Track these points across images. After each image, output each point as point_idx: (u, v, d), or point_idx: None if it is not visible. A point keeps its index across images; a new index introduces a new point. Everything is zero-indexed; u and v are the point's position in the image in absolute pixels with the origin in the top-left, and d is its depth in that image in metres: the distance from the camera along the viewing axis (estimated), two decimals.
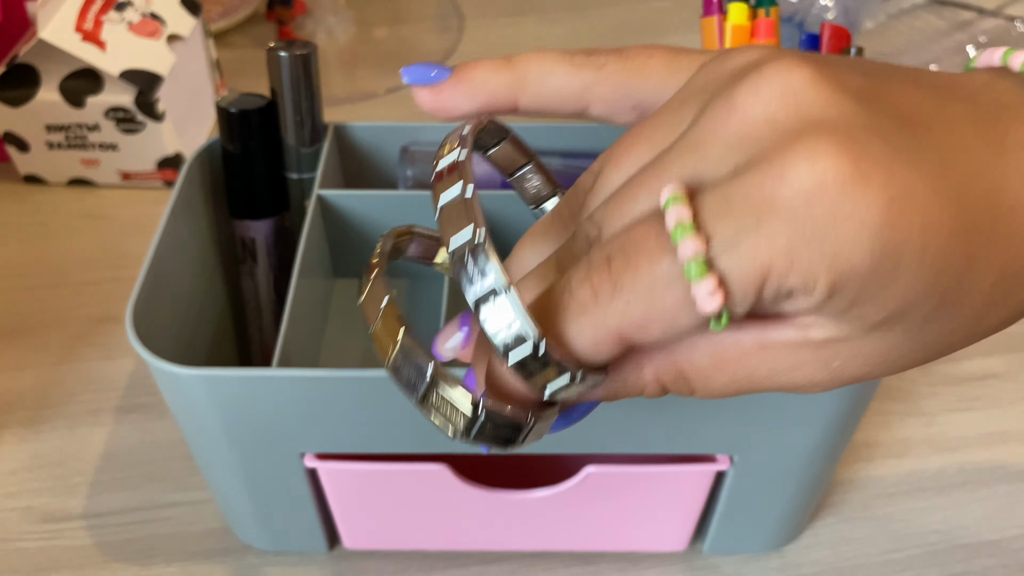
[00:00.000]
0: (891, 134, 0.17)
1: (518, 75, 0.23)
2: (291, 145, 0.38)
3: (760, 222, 0.16)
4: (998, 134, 0.18)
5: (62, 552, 0.39)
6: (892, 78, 0.19)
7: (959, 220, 0.17)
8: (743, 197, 0.17)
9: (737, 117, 0.18)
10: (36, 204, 0.57)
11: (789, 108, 0.17)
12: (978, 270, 0.17)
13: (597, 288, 0.18)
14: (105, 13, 0.54)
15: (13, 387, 0.46)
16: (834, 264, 0.16)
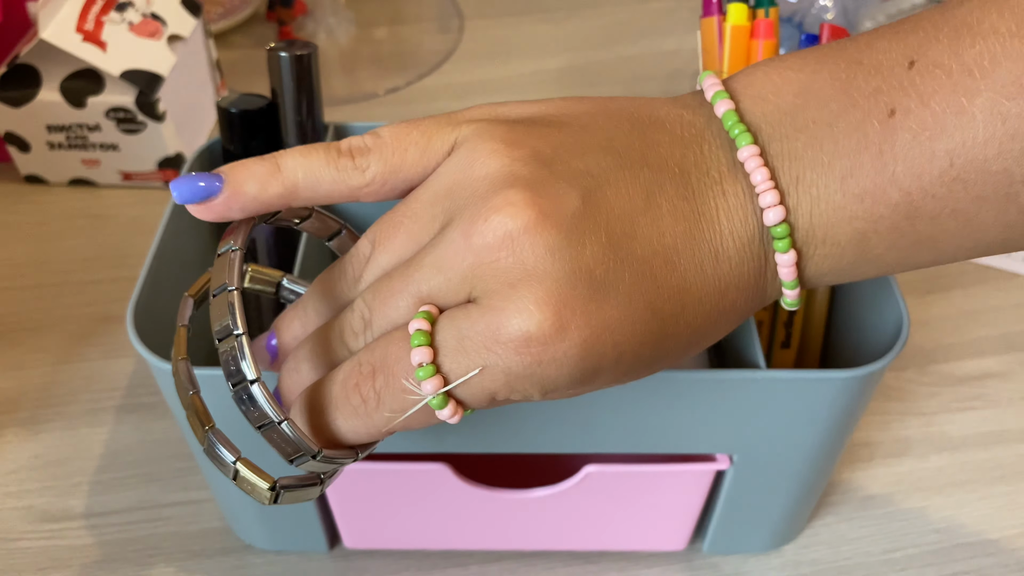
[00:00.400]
0: (592, 273, 0.22)
1: (288, 187, 0.25)
2: (292, 145, 0.38)
3: (485, 364, 0.22)
4: (693, 211, 0.23)
5: (63, 551, 0.39)
6: (606, 184, 0.23)
7: (648, 329, 0.22)
8: (472, 338, 0.22)
9: (472, 256, 0.22)
10: (37, 204, 0.57)
11: (512, 257, 0.21)
12: (666, 347, 0.23)
13: (366, 398, 0.23)
14: (106, 14, 0.54)
15: (14, 386, 0.46)
16: (544, 389, 0.22)
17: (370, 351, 0.23)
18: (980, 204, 0.22)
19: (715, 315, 0.24)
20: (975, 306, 0.51)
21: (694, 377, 0.30)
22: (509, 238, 0.21)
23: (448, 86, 0.68)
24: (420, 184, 0.25)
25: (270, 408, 0.23)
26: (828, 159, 0.23)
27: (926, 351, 0.49)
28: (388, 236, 0.24)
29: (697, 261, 0.23)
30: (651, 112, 0.25)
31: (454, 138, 0.24)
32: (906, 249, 0.23)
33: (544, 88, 0.68)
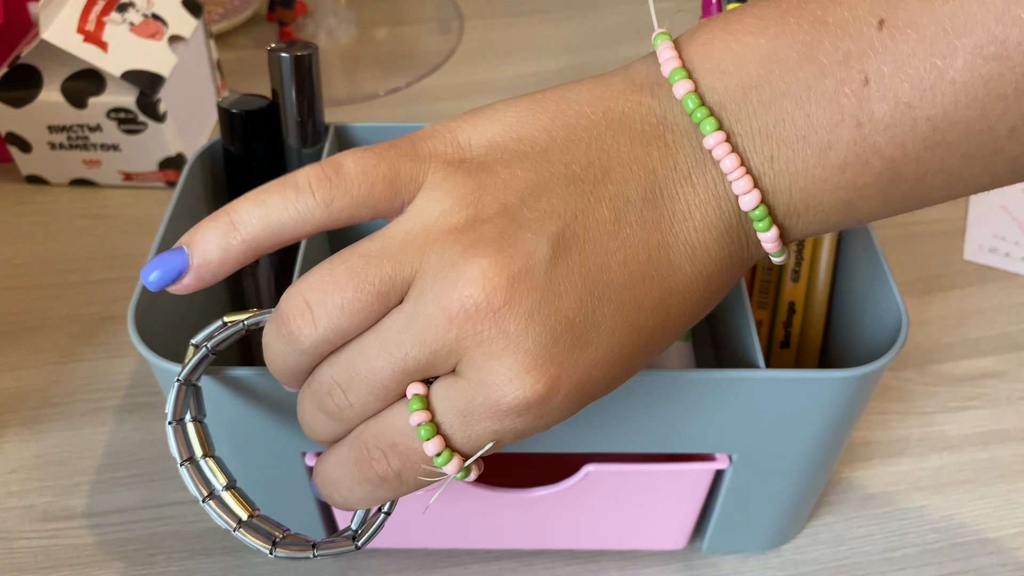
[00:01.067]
0: (573, 322, 0.22)
1: (249, 241, 0.24)
2: (292, 146, 0.39)
3: (495, 432, 0.23)
4: (663, 217, 0.23)
5: (64, 551, 0.39)
6: (573, 220, 0.23)
7: (635, 347, 0.23)
8: (475, 413, 0.22)
9: (455, 330, 0.22)
10: (38, 204, 0.57)
11: (494, 328, 0.22)
12: (657, 348, 0.24)
13: (384, 476, 0.24)
14: (107, 14, 0.55)
15: (15, 386, 0.46)
16: (548, 428, 0.23)
17: (372, 435, 0.24)
18: (966, 162, 0.21)
19: (702, 302, 0.24)
20: (974, 306, 0.51)
21: (693, 377, 0.30)
22: (490, 311, 0.22)
23: (448, 86, 0.69)
24: (383, 225, 0.24)
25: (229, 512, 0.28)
26: (802, 134, 0.22)
27: (925, 351, 0.49)
28: (336, 290, 0.23)
29: (675, 265, 0.23)
30: (608, 108, 0.24)
31: (421, 177, 0.24)
32: (894, 204, 0.23)
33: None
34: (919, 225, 0.56)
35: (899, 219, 0.57)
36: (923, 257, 0.54)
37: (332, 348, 0.24)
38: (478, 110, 0.25)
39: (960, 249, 0.55)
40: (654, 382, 0.30)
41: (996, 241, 0.55)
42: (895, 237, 0.55)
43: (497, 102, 0.25)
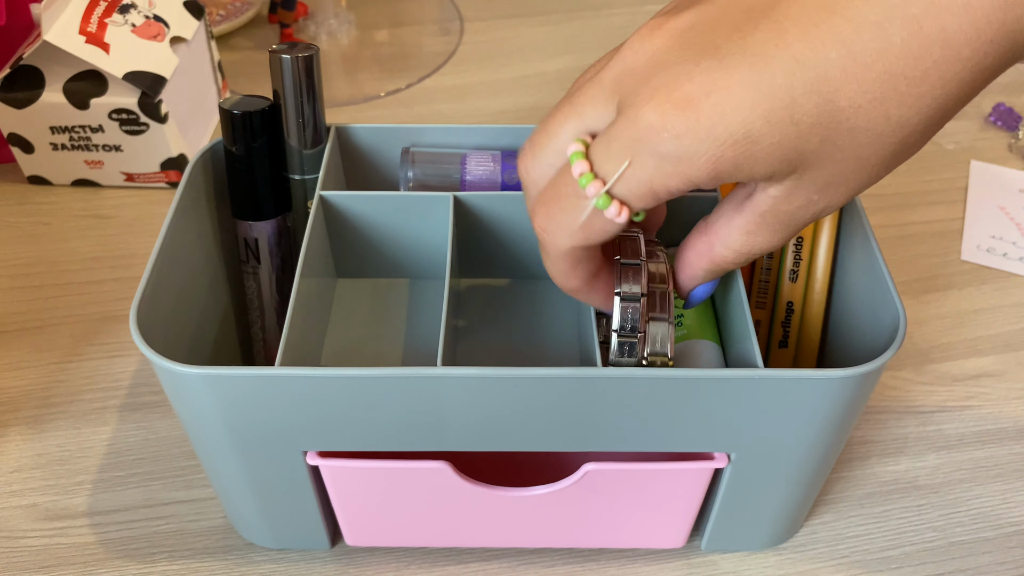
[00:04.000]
0: (718, 48, 0.23)
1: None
2: (293, 146, 0.39)
3: (633, 158, 0.24)
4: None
5: (66, 550, 0.40)
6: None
7: (782, 107, 0.22)
8: (617, 139, 0.24)
9: (617, 67, 0.25)
10: (40, 205, 0.58)
11: (643, 55, 0.24)
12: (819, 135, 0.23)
13: (549, 216, 0.27)
14: (109, 16, 0.55)
15: (18, 385, 0.46)
16: (693, 169, 0.23)
17: (548, 184, 0.27)
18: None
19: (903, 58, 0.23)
20: (971, 306, 0.51)
21: (692, 376, 0.30)
22: (640, 41, 0.24)
23: (448, 88, 0.69)
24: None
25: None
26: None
27: (922, 350, 0.49)
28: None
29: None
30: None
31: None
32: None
33: (544, 90, 0.68)
34: (917, 225, 0.57)
35: (897, 219, 0.57)
36: (921, 257, 0.54)
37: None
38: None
39: (958, 249, 0.55)
40: (654, 382, 0.30)
41: (993, 241, 0.55)
42: (893, 237, 0.56)
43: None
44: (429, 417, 0.32)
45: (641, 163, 0.24)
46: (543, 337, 0.41)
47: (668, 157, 0.23)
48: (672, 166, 0.24)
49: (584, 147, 0.25)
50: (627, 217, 0.25)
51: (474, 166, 0.41)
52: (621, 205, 0.25)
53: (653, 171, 0.24)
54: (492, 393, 0.31)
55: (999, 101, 0.66)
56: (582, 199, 0.26)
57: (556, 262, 0.29)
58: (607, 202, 0.25)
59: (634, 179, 0.24)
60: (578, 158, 0.25)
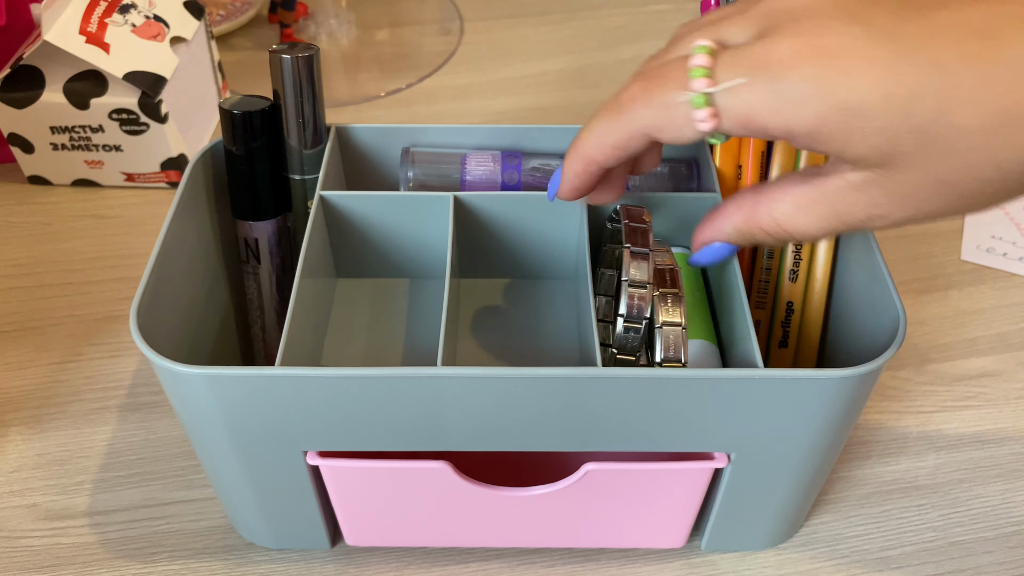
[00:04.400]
0: (872, 26, 0.23)
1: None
2: (293, 146, 0.39)
3: (752, 78, 0.24)
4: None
5: (66, 549, 0.40)
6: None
7: (910, 85, 0.23)
8: (744, 57, 0.24)
9: (764, 3, 0.25)
10: (41, 205, 0.58)
11: (796, 4, 0.24)
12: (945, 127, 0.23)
13: (635, 95, 0.27)
14: (109, 16, 0.55)
15: (18, 385, 0.47)
16: (798, 117, 0.24)
17: (650, 69, 0.27)
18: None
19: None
20: (971, 306, 0.51)
21: (692, 376, 0.30)
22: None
23: (448, 87, 0.69)
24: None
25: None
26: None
27: (922, 350, 0.49)
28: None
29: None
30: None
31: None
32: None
33: (544, 89, 0.68)
34: (917, 225, 0.57)
35: None
36: (921, 257, 0.54)
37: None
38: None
39: (957, 249, 0.55)
40: (654, 382, 0.30)
41: (993, 241, 0.55)
42: (893, 237, 0.56)
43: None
44: (429, 417, 0.32)
45: (755, 88, 0.24)
46: (543, 337, 0.41)
47: (783, 95, 0.24)
48: (781, 104, 0.24)
49: (711, 50, 0.25)
50: (710, 128, 0.25)
51: (474, 166, 0.41)
52: (713, 114, 0.25)
53: (762, 100, 0.24)
54: (492, 393, 0.31)
55: None
56: (683, 88, 0.25)
57: (605, 134, 0.28)
58: (704, 102, 0.25)
59: (741, 98, 0.24)
60: (702, 52, 0.25)
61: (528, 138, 0.42)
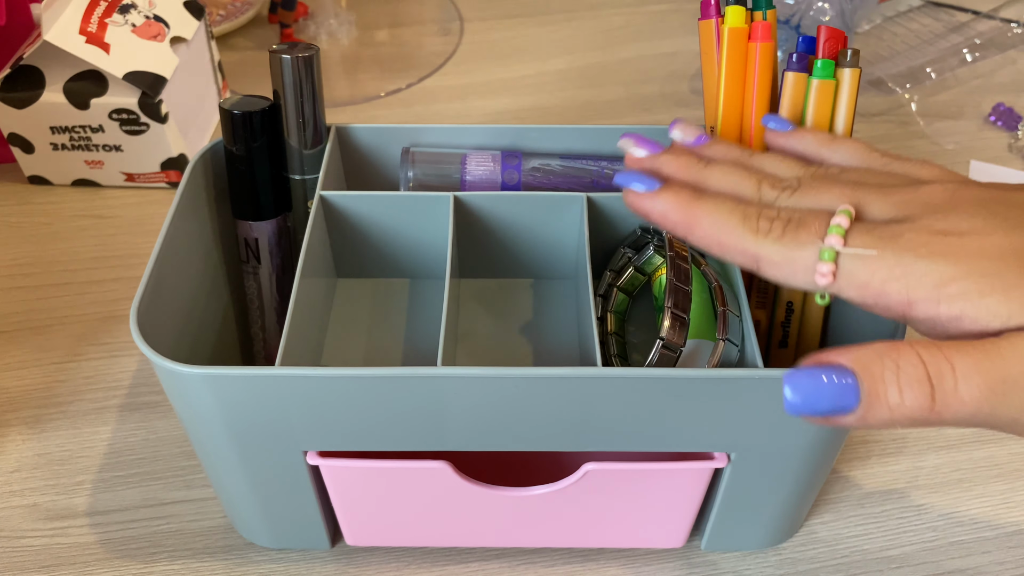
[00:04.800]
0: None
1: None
2: (293, 146, 0.39)
3: (882, 251, 0.25)
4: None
5: (66, 549, 0.40)
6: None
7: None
8: (881, 232, 0.25)
9: (921, 195, 0.26)
10: (41, 205, 0.58)
11: (949, 198, 0.26)
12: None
13: (761, 229, 0.27)
14: (109, 16, 0.55)
15: (18, 385, 0.47)
16: (918, 285, 0.24)
17: (789, 209, 0.27)
18: None
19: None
20: None
21: (692, 376, 0.30)
22: (953, 189, 0.27)
23: (448, 88, 0.69)
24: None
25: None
26: None
27: None
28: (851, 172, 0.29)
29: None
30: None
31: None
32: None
33: (544, 89, 0.68)
34: None
35: None
36: None
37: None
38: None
39: None
40: (654, 382, 0.31)
41: None
42: None
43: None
44: (429, 417, 0.32)
45: (883, 259, 0.25)
46: (543, 337, 0.41)
47: (908, 266, 0.24)
48: (905, 273, 0.24)
49: (851, 216, 0.26)
50: (826, 283, 0.25)
51: (474, 166, 0.41)
52: (833, 272, 0.25)
53: (887, 269, 0.25)
54: (492, 393, 0.31)
55: (999, 101, 0.66)
56: (819, 238, 0.26)
57: (723, 231, 0.28)
58: (831, 257, 0.25)
59: (865, 267, 0.25)
60: (845, 215, 0.26)
61: (528, 138, 0.42)
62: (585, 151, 0.42)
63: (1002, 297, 0.23)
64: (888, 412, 0.24)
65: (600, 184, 0.41)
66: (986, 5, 0.73)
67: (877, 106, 0.66)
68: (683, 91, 0.68)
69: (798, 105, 0.35)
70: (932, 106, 0.66)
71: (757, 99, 0.36)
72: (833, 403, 0.24)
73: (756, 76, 0.35)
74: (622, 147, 0.32)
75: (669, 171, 0.31)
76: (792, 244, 0.26)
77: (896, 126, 0.65)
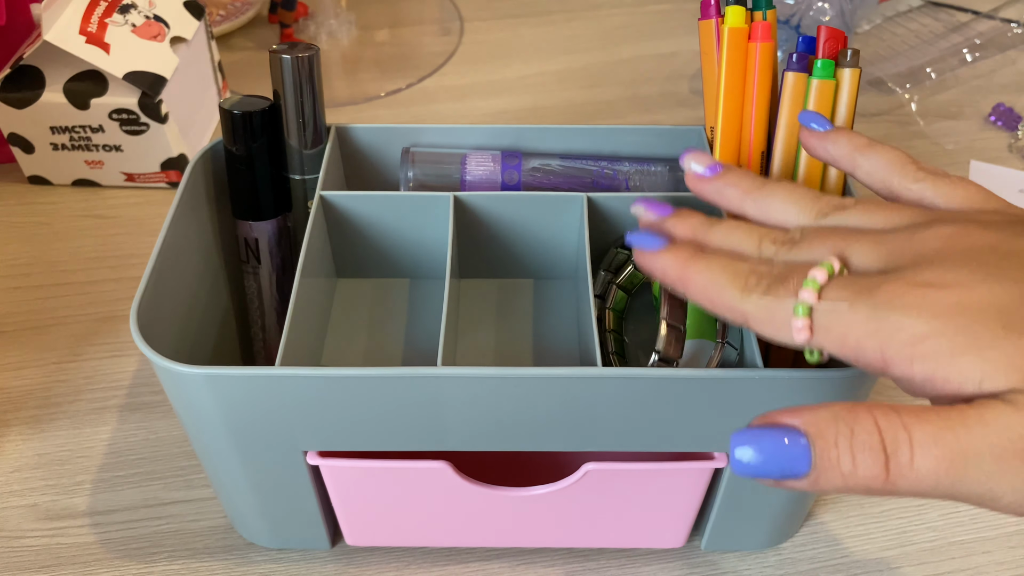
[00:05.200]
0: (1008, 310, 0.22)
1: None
2: (294, 147, 0.39)
3: (852, 304, 0.24)
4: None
5: (66, 549, 0.40)
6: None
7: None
8: (856, 284, 0.24)
9: (915, 243, 0.25)
10: (41, 205, 0.58)
11: (943, 248, 0.24)
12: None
13: (748, 286, 0.26)
14: (109, 16, 0.55)
15: (18, 385, 0.47)
16: (892, 341, 0.23)
17: (784, 262, 0.27)
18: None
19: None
20: None
21: (692, 376, 0.30)
22: (953, 233, 0.25)
23: (449, 88, 0.69)
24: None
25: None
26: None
27: None
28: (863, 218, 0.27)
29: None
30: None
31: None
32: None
33: (544, 89, 0.68)
34: None
35: None
36: None
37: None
38: None
39: None
40: (653, 382, 0.31)
41: None
42: None
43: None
44: (429, 417, 0.32)
45: (855, 311, 0.24)
46: (543, 337, 0.41)
47: (882, 319, 0.23)
48: (879, 327, 0.23)
49: (832, 271, 0.25)
50: (804, 339, 0.24)
51: (474, 166, 0.41)
52: (809, 327, 0.24)
53: (861, 323, 0.23)
54: (492, 393, 0.31)
55: (999, 101, 0.66)
56: (791, 293, 0.25)
57: (715, 291, 0.27)
58: (804, 312, 0.24)
59: (841, 319, 0.24)
60: (825, 268, 0.25)
61: (528, 138, 0.42)
62: (585, 151, 0.42)
63: (975, 358, 0.22)
64: (841, 479, 0.22)
65: (600, 184, 0.41)
66: (986, 5, 0.73)
67: (877, 106, 0.66)
68: (683, 91, 0.68)
69: (798, 105, 0.35)
70: (932, 106, 0.66)
71: (757, 99, 0.36)
72: (783, 468, 0.23)
73: (756, 76, 0.35)
74: (635, 213, 0.32)
75: (676, 232, 0.31)
76: (772, 299, 0.25)
77: (896, 126, 0.65)
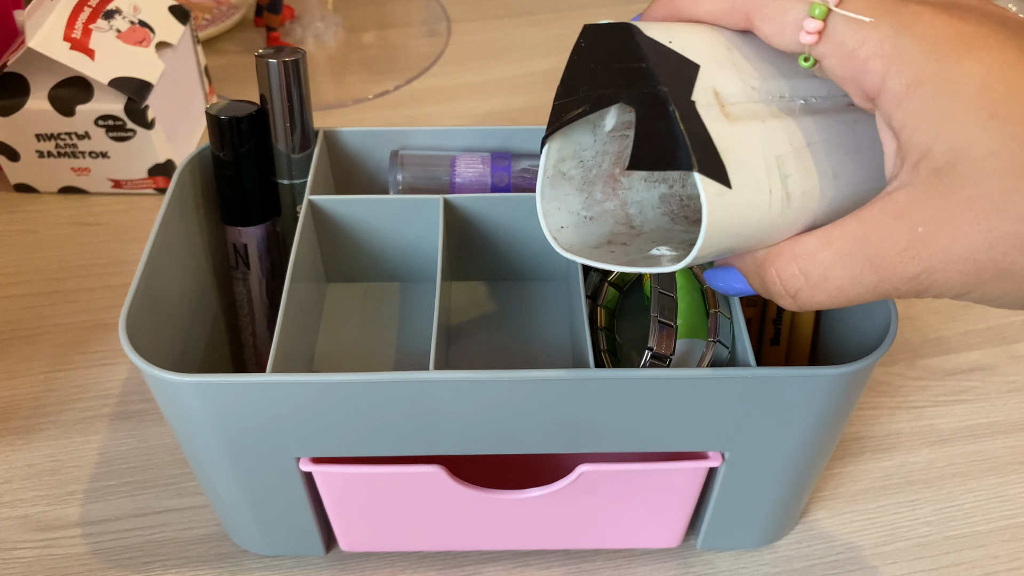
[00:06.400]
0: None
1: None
2: (281, 151, 0.39)
3: (880, 24, 0.23)
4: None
5: (59, 560, 0.39)
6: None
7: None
8: (878, 4, 0.23)
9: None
10: (27, 213, 0.57)
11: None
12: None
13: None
14: (93, 21, 0.54)
15: (7, 396, 0.46)
16: (878, 71, 0.23)
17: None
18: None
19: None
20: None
21: (685, 376, 0.30)
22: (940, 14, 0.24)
23: (437, 89, 0.69)
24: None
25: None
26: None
27: (914, 345, 0.49)
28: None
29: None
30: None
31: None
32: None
33: (533, 90, 0.68)
34: None
35: None
36: None
37: None
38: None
39: None
40: (649, 382, 0.30)
41: None
42: None
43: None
44: (422, 421, 0.32)
45: (879, 34, 0.23)
46: (535, 339, 0.41)
47: (898, 44, 0.23)
48: (893, 50, 0.23)
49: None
50: (810, 42, 0.24)
51: (463, 168, 0.41)
52: (819, 31, 0.24)
53: (874, 42, 0.23)
54: (485, 396, 0.31)
55: None
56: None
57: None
58: (820, 14, 0.24)
59: (855, 34, 0.23)
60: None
61: (517, 139, 0.42)
62: None
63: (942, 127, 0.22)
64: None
65: None
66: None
67: None
68: None
69: None
70: None
71: None
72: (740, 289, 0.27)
73: None
74: None
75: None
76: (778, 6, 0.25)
77: None
